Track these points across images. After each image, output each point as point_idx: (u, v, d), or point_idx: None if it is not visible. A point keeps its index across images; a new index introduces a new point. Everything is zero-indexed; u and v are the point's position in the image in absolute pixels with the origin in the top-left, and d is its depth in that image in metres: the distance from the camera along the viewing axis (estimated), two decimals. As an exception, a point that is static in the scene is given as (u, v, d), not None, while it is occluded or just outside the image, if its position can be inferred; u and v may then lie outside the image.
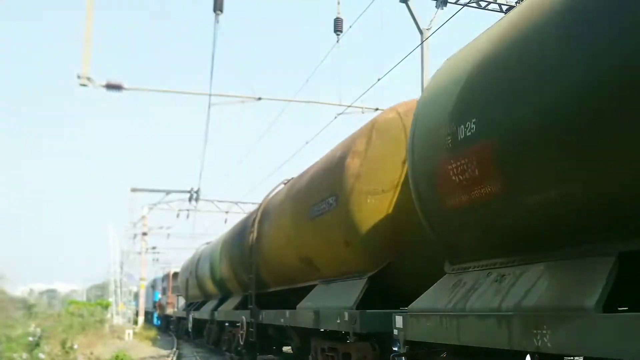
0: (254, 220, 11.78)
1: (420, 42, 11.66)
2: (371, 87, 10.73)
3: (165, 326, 37.81)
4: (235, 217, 30.84)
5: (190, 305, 23.30)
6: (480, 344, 4.15)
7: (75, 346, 15.13)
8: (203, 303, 20.33)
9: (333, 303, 7.36)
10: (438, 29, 9.85)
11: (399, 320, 5.38)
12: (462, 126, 4.47)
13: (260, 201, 12.45)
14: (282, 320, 9.50)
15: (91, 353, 15.62)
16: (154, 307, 42.88)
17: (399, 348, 5.60)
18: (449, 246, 5.12)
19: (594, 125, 3.30)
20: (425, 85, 10.18)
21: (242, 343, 12.48)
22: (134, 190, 31.94)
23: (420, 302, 5.21)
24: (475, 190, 4.40)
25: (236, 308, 13.66)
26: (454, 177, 4.61)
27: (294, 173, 10.81)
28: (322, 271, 8.35)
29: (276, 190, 11.71)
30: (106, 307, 36.12)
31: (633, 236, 3.30)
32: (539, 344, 3.51)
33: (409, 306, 5.33)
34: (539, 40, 3.79)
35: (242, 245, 12.62)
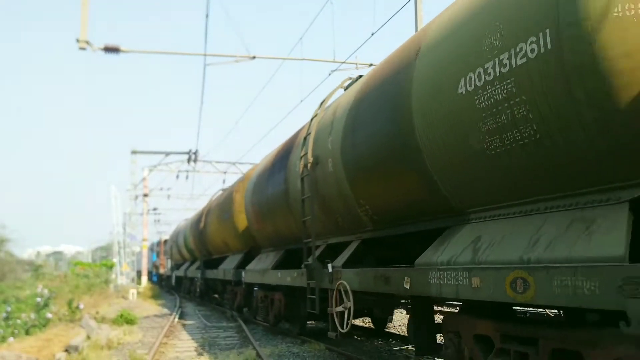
0: (203, 213, 18.54)
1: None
2: (365, 41, 10.66)
3: (159, 283, 44.86)
4: (233, 177, 31.92)
5: (174, 266, 30.34)
6: (262, 282, 10.95)
7: (81, 306, 15.15)
8: (181, 264, 27.33)
9: (230, 266, 14.16)
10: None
11: (243, 273, 12.23)
12: (255, 197, 11.11)
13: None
14: (212, 276, 16.37)
15: (97, 312, 15.85)
16: (152, 267, 50.04)
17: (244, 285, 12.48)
18: (261, 243, 11.86)
19: (277, 204, 9.95)
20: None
21: (198, 291, 19.47)
22: (134, 152, 32.28)
23: (250, 265, 11.99)
24: (260, 224, 11.07)
25: (197, 269, 20.56)
26: (255, 216, 11.29)
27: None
28: (231, 248, 15.14)
29: (217, 195, 18.40)
30: (111, 267, 35.94)
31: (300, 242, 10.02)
32: (288, 281, 10.29)
33: (246, 267, 12.12)
34: (269, 169, 10.39)
35: (198, 228, 19.42)
